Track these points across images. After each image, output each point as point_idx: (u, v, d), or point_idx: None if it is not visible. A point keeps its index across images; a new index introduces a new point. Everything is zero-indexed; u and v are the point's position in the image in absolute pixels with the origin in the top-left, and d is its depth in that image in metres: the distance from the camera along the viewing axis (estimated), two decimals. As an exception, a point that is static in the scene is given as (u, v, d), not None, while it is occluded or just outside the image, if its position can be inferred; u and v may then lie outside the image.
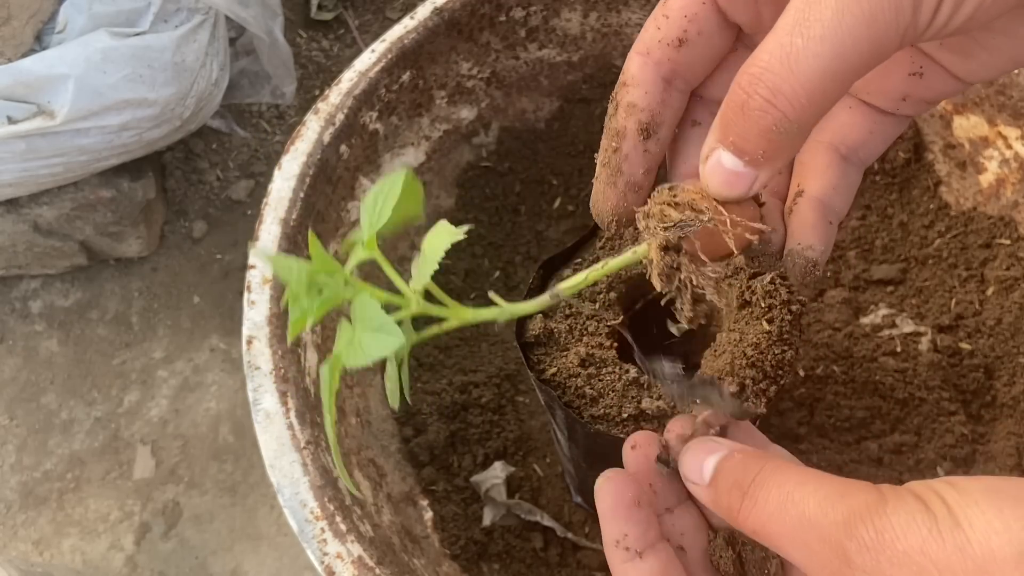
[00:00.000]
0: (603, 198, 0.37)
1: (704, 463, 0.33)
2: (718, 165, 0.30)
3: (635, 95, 0.35)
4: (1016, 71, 0.75)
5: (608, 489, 0.36)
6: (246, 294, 0.65)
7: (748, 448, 0.33)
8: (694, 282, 0.32)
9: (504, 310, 0.34)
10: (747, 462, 0.31)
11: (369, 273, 0.40)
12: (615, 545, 0.35)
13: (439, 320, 0.35)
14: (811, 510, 0.28)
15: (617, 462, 0.40)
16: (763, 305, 0.56)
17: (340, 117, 0.73)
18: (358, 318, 0.33)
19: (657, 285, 0.33)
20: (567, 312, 0.57)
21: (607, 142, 0.36)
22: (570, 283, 0.35)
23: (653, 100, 0.35)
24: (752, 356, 0.54)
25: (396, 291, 0.34)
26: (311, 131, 0.72)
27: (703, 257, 0.32)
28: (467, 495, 0.77)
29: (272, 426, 0.59)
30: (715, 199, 0.32)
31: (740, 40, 0.36)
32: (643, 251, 0.33)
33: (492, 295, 0.35)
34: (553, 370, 0.56)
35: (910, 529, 0.25)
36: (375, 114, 0.78)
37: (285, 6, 1.29)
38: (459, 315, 0.34)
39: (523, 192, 0.93)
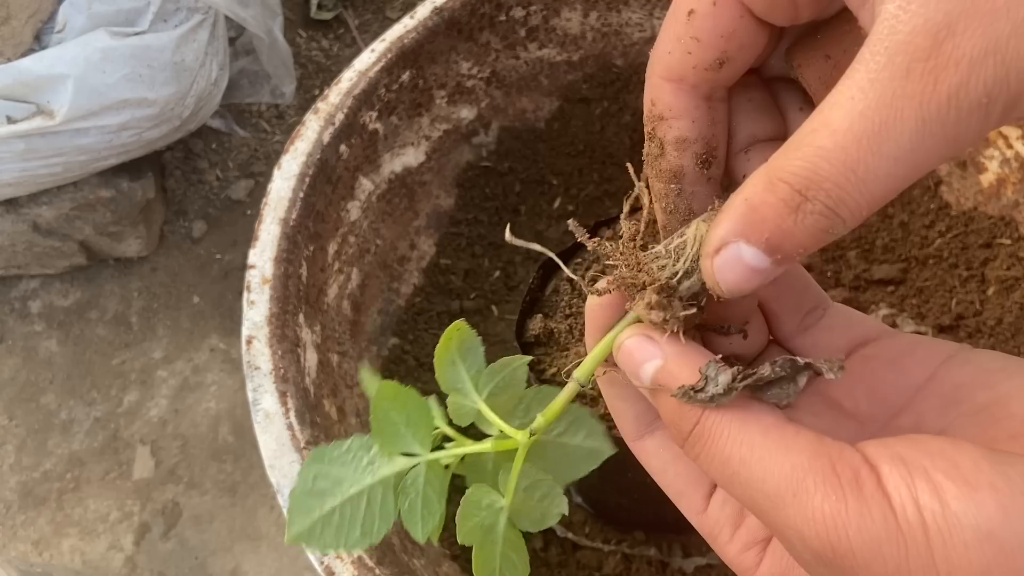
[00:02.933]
0: None
1: (641, 368, 0.30)
2: (737, 261, 0.27)
3: (682, 127, 0.30)
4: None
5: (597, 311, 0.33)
6: (246, 294, 0.65)
7: (686, 361, 0.29)
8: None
9: (539, 420, 0.34)
10: (684, 401, 0.28)
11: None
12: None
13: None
14: (760, 502, 0.26)
15: (617, 462, 0.40)
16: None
17: (340, 117, 0.73)
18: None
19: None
20: (567, 312, 0.57)
21: (663, 186, 0.31)
22: (585, 366, 0.33)
23: (703, 126, 0.30)
24: (753, 356, 0.54)
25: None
26: (311, 131, 0.72)
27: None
28: (467, 495, 0.76)
29: (272, 426, 0.59)
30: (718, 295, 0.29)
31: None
32: (634, 315, 0.32)
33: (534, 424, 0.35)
34: (553, 370, 0.56)
35: (875, 562, 0.23)
36: (375, 114, 0.78)
37: (285, 6, 1.29)
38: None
39: (523, 192, 0.92)
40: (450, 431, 0.37)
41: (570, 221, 0.33)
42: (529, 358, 0.39)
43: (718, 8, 0.29)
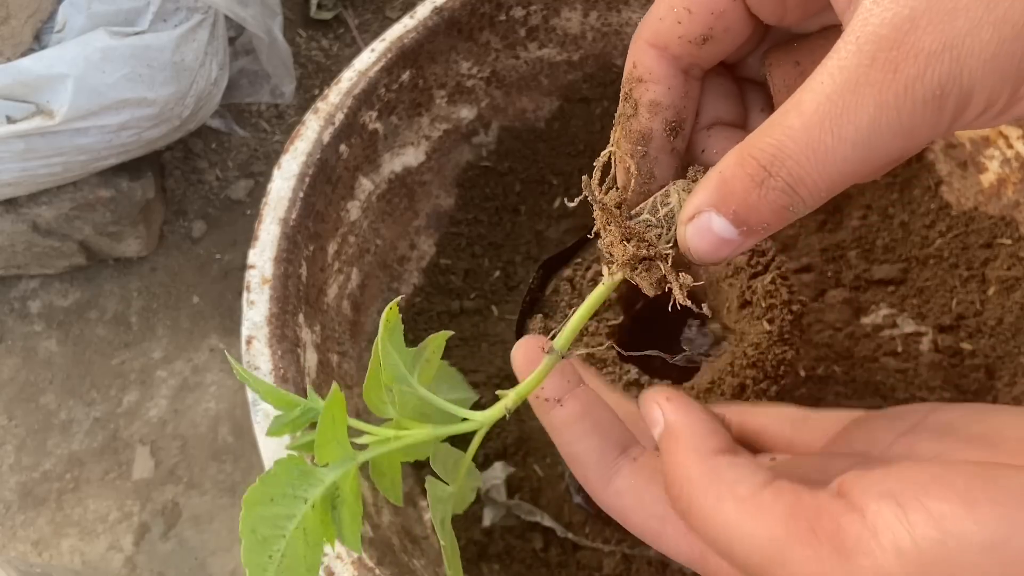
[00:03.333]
0: None
1: (655, 432, 0.31)
2: (707, 230, 0.29)
3: (657, 92, 0.32)
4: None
5: (522, 351, 0.34)
6: (245, 294, 0.64)
7: (676, 432, 0.30)
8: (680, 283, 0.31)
9: (511, 395, 0.34)
10: (668, 476, 0.29)
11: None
12: (535, 399, 0.34)
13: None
14: (735, 550, 0.26)
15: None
16: (763, 305, 0.56)
17: (340, 117, 0.73)
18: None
19: (649, 293, 0.32)
20: (567, 312, 0.57)
21: (631, 146, 0.33)
22: (563, 336, 0.33)
23: (677, 96, 0.32)
24: (752, 356, 0.54)
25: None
26: (310, 131, 0.72)
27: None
28: (467, 495, 0.76)
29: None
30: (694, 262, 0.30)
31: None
32: (613, 282, 0.32)
33: (499, 393, 0.34)
34: (553, 370, 0.56)
35: None
36: (375, 113, 0.78)
37: (284, 5, 1.28)
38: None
39: (523, 192, 0.92)
40: (360, 424, 0.36)
41: (584, 177, 0.34)
42: (449, 333, 0.39)
43: None
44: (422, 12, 0.79)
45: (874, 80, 0.24)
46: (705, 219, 0.28)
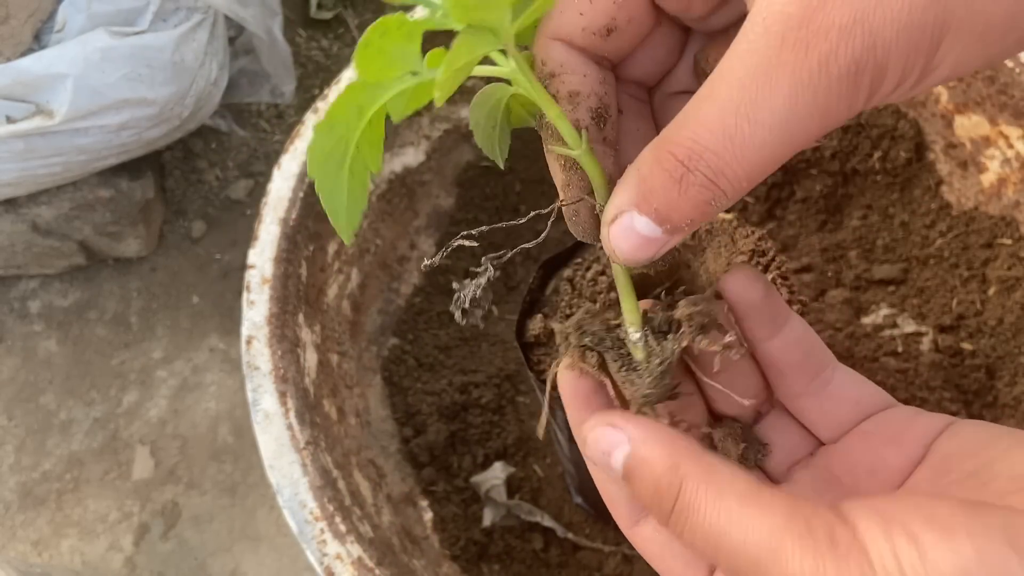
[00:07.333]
0: (586, 213, 0.33)
1: (611, 456, 0.29)
2: (631, 231, 0.28)
3: (574, 82, 0.30)
4: (1018, 70, 0.74)
5: (569, 381, 0.33)
6: (245, 294, 0.64)
7: (654, 442, 0.28)
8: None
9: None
10: (660, 477, 0.28)
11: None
12: (578, 435, 0.32)
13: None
14: (746, 570, 0.25)
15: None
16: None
17: (340, 116, 0.73)
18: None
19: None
20: (567, 312, 0.57)
21: (561, 145, 0.32)
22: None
23: (595, 83, 0.31)
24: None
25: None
26: (310, 130, 0.72)
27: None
28: (467, 496, 0.76)
29: (271, 426, 0.59)
30: (621, 264, 0.30)
31: (663, 18, 0.32)
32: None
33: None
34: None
35: None
36: (375, 113, 0.78)
37: (284, 5, 1.28)
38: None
39: (523, 192, 0.92)
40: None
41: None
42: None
43: None
44: (421, 13, 0.79)
45: (786, 61, 0.24)
46: (627, 220, 0.28)
